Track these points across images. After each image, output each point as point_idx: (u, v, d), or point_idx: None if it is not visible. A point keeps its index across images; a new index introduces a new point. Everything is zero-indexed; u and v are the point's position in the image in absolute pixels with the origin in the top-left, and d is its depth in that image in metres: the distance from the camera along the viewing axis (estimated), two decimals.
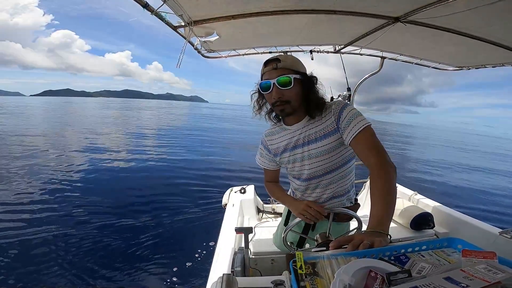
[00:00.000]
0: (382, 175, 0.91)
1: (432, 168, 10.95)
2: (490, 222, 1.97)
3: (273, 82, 1.03)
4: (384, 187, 0.89)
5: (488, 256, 0.53)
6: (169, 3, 1.13)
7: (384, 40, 1.79)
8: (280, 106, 1.07)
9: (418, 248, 0.67)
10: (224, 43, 1.93)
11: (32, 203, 4.68)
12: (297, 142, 1.17)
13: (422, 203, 2.37)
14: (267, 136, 1.31)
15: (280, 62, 1.04)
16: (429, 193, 2.62)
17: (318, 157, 1.14)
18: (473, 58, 2.04)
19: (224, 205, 2.47)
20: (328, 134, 1.10)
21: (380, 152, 0.97)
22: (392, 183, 0.91)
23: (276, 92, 1.04)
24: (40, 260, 3.10)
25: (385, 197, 0.87)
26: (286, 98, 1.05)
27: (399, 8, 1.34)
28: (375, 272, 0.54)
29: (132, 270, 3.00)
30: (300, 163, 1.20)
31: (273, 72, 1.04)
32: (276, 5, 1.33)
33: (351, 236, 0.74)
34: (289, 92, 1.05)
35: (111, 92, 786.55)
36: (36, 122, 20.49)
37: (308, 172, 1.19)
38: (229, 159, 8.72)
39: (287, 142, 1.21)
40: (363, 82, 2.67)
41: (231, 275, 0.74)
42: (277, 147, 1.26)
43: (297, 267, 0.60)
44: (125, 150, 10.13)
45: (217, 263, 1.42)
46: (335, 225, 1.26)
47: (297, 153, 1.19)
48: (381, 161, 0.95)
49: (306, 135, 1.14)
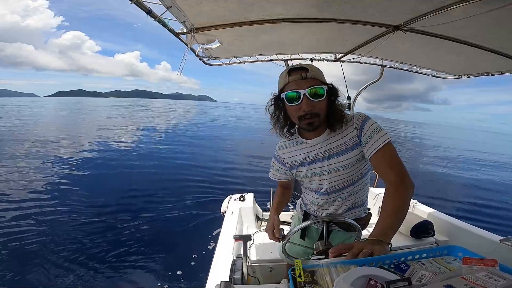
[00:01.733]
0: (399, 192, 0.91)
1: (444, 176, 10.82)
2: (490, 230, 1.96)
3: (303, 93, 0.95)
4: (398, 204, 0.88)
5: (489, 264, 0.53)
6: (172, 10, 1.14)
7: (384, 49, 1.81)
8: (309, 119, 0.99)
9: (418, 256, 0.66)
10: (225, 51, 1.94)
11: (31, 200, 4.78)
12: (317, 156, 1.11)
13: (422, 211, 2.36)
14: (281, 149, 1.24)
15: (308, 72, 0.97)
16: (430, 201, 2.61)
17: (339, 171, 1.09)
18: (472, 66, 2.05)
19: (223, 212, 2.46)
20: (350, 148, 1.06)
21: (400, 170, 0.96)
22: (407, 201, 0.90)
23: (306, 104, 0.96)
24: (35, 260, 3.12)
25: (397, 213, 0.86)
26: (316, 110, 0.98)
27: (399, 17, 1.35)
28: (375, 280, 0.53)
29: (129, 276, 2.98)
30: (319, 177, 1.14)
31: (302, 82, 0.96)
32: (277, 14, 1.35)
33: (350, 244, 0.73)
34: (320, 104, 0.98)
35: (122, 92, 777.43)
36: (63, 123, 21.03)
37: (327, 187, 1.14)
38: (229, 167, 8.69)
39: (305, 156, 1.14)
40: (362, 91, 2.69)
41: (229, 282, 0.74)
42: (293, 160, 1.19)
43: (296, 275, 0.59)
44: (129, 151, 10.20)
45: (215, 270, 1.40)
46: (343, 234, 1.25)
47: (316, 167, 1.13)
48: (400, 178, 0.93)
49: (327, 149, 1.09)
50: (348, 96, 2.53)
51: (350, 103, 2.56)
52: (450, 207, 6.15)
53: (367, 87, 2.68)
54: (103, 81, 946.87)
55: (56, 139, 12.23)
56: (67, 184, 5.87)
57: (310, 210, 1.30)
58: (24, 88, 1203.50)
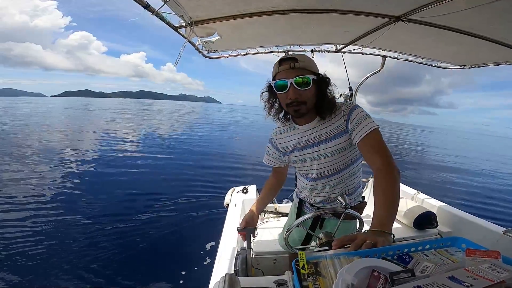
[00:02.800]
0: (387, 176, 0.92)
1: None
2: (494, 221, 1.96)
3: (290, 82, 1.00)
4: (388, 188, 0.89)
5: (492, 256, 0.53)
6: (170, 4, 1.13)
7: (385, 39, 1.78)
8: (295, 106, 1.05)
9: (421, 248, 0.67)
10: (225, 43, 1.93)
11: (35, 203, 4.75)
12: (307, 142, 1.17)
13: (425, 202, 2.35)
14: (276, 134, 1.30)
15: (297, 62, 1.01)
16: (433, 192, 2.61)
17: (327, 157, 1.14)
18: (475, 56, 2.02)
19: (226, 205, 2.47)
20: (338, 135, 1.10)
21: (385, 155, 0.97)
22: (396, 185, 0.91)
23: (293, 92, 1.02)
24: (41, 261, 3.12)
25: (389, 198, 0.87)
26: (302, 98, 1.03)
27: (401, 7, 1.33)
28: (378, 271, 0.53)
29: (133, 271, 3.01)
30: (310, 162, 1.20)
31: (290, 72, 1.01)
32: (276, 5, 1.33)
33: (354, 236, 0.73)
34: (306, 93, 1.03)
35: (127, 93, 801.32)
36: (70, 123, 21.08)
37: (316, 172, 1.19)
38: (232, 159, 8.72)
39: (297, 142, 1.20)
40: (364, 81, 2.67)
41: (234, 275, 0.74)
42: (286, 146, 1.25)
43: (299, 266, 0.60)
44: (134, 151, 10.24)
45: (219, 263, 1.41)
46: (335, 222, 1.26)
47: (307, 153, 1.19)
48: (386, 163, 0.95)
49: (316, 135, 1.14)
50: (349, 87, 2.52)
51: (352, 94, 2.54)
52: (454, 198, 6.16)
53: (369, 77, 2.66)
54: (109, 82, 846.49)
55: (61, 139, 12.32)
56: (72, 183, 5.89)
57: (303, 196, 1.35)
58: (32, 87, 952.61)
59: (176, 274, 2.94)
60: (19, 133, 13.58)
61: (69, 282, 2.81)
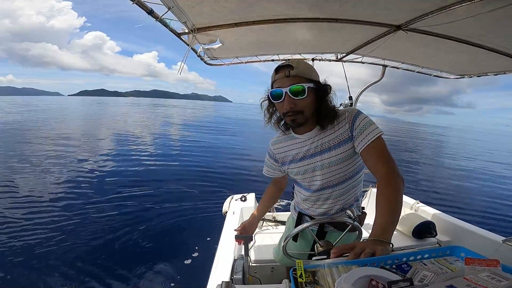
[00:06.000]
0: (391, 185, 0.90)
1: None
2: (493, 230, 1.95)
3: (285, 91, 0.97)
4: (391, 197, 0.87)
5: (491, 264, 0.53)
6: (173, 10, 1.15)
7: (385, 48, 1.80)
8: (292, 116, 1.01)
9: (420, 257, 0.66)
10: (227, 51, 1.95)
11: (34, 202, 4.80)
12: (308, 152, 1.12)
13: (424, 211, 2.35)
14: (273, 145, 1.25)
15: (292, 69, 0.97)
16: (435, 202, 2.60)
17: (332, 166, 1.08)
18: (475, 66, 2.04)
19: (224, 212, 2.46)
20: (343, 142, 1.05)
21: (390, 163, 0.95)
22: (399, 194, 0.89)
23: (288, 102, 0.98)
24: (40, 261, 3.13)
25: (391, 207, 0.86)
26: (298, 108, 0.99)
27: (401, 16, 1.35)
28: (376, 280, 0.53)
29: (130, 275, 2.98)
30: (312, 173, 1.14)
31: (285, 80, 0.98)
32: (278, 14, 1.35)
33: (352, 244, 0.73)
34: (302, 101, 0.98)
35: (141, 92, 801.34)
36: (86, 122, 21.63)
37: (320, 183, 1.13)
38: (231, 167, 8.69)
39: (296, 152, 1.15)
40: (364, 91, 2.68)
41: (231, 282, 0.74)
42: (285, 156, 1.20)
43: (297, 275, 0.59)
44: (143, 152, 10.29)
45: (216, 270, 1.40)
46: (338, 235, 1.24)
47: (308, 164, 1.13)
48: (390, 171, 0.93)
49: (318, 144, 1.09)
50: (349, 96, 2.53)
51: (352, 103, 2.55)
52: (452, 208, 6.11)
53: (369, 87, 2.68)
54: (123, 81, 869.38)
55: (75, 138, 12.63)
56: (72, 183, 5.97)
57: (302, 209, 1.29)
58: (50, 87, 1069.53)
59: (172, 280, 2.91)
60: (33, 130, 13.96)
61: (69, 282, 2.84)
